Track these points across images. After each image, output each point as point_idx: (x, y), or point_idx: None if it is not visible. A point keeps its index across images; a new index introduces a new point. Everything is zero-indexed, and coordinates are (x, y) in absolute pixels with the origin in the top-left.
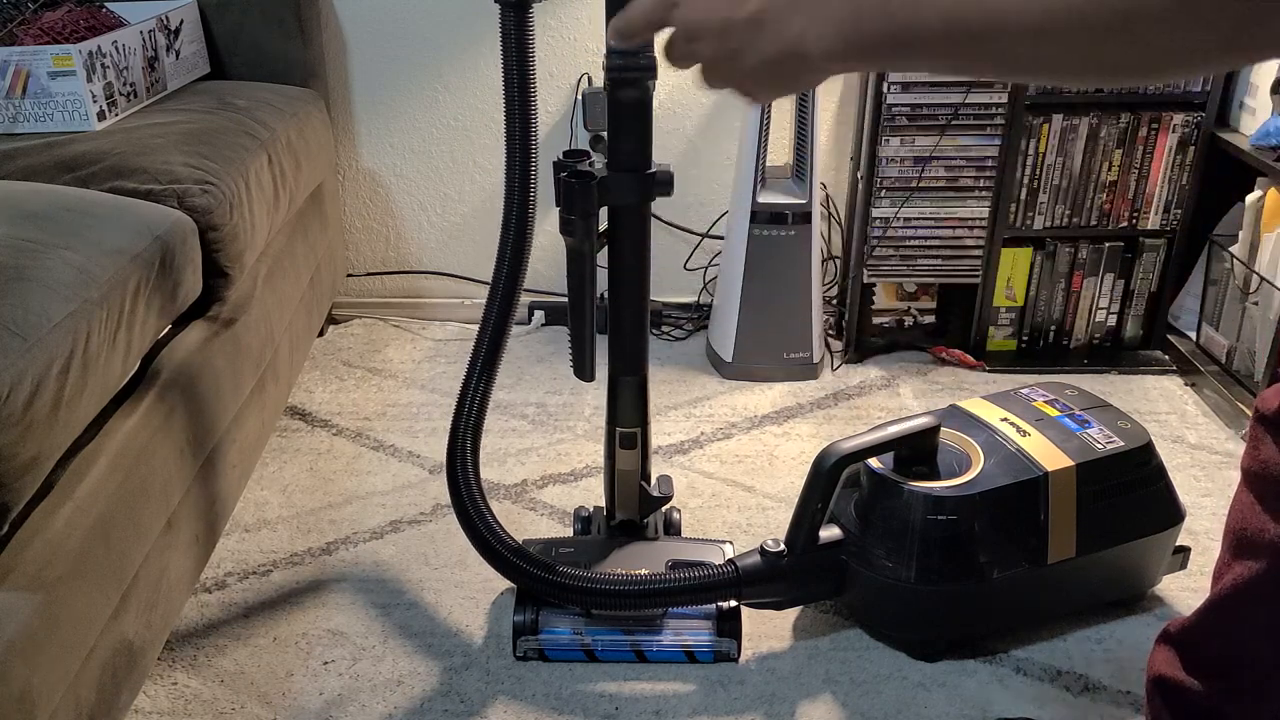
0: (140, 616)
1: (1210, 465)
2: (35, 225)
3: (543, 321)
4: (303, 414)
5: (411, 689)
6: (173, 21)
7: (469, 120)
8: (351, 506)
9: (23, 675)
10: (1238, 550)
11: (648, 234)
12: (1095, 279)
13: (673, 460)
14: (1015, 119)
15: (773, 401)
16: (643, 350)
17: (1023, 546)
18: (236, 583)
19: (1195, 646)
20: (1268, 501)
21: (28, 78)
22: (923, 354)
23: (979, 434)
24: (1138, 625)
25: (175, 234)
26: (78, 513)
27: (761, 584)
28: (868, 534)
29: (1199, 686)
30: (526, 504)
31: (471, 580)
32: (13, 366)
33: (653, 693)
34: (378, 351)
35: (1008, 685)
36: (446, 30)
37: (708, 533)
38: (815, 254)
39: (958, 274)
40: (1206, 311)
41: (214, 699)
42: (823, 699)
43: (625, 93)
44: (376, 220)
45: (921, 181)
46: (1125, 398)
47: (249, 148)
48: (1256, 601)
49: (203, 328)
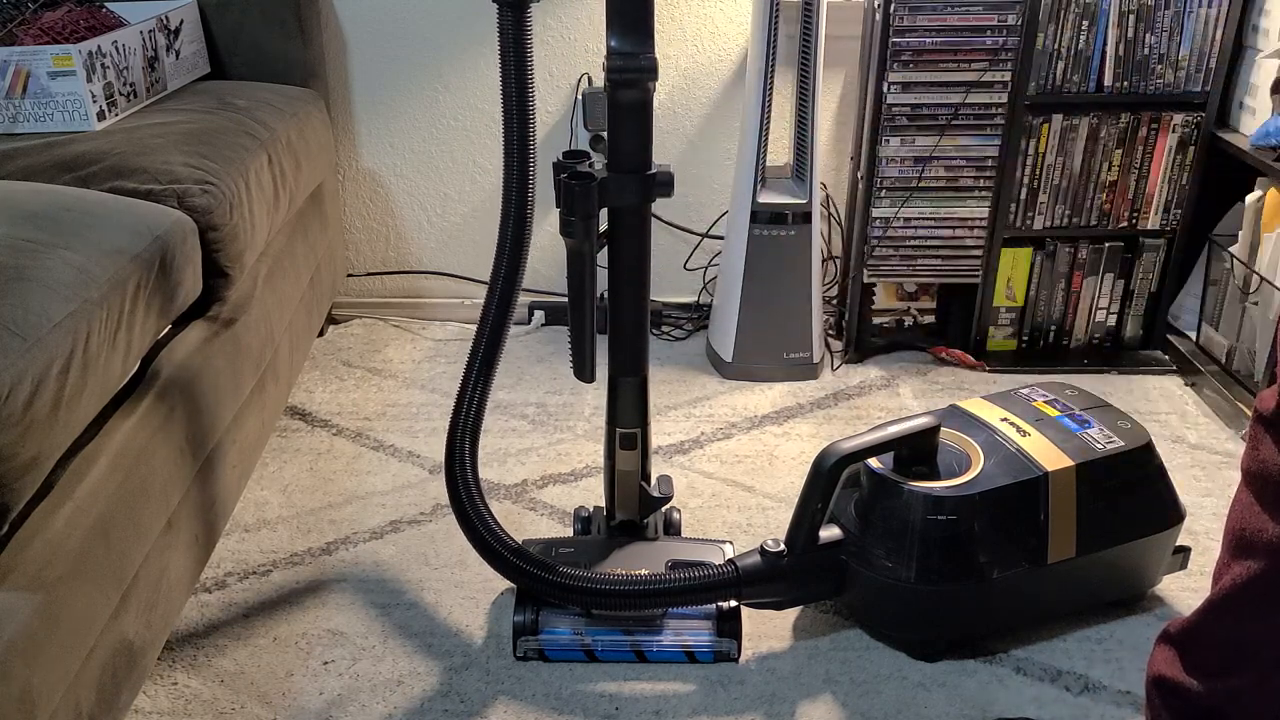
0: (140, 616)
1: (1210, 465)
2: (35, 225)
3: (543, 321)
4: (303, 414)
5: (411, 689)
6: (173, 21)
7: (469, 120)
8: (351, 506)
9: (23, 675)
10: (1237, 550)
11: (648, 235)
12: (1095, 279)
13: (673, 460)
14: (1015, 119)
15: (773, 401)
16: (643, 351)
17: (1023, 546)
18: (236, 583)
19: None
20: (1266, 501)
21: (28, 78)
22: (923, 354)
23: (979, 434)
24: (1138, 625)
25: (175, 234)
26: (78, 513)
27: (761, 584)
28: (868, 534)
29: (1199, 687)
30: (526, 504)
31: (471, 580)
32: (13, 366)
33: (653, 693)
34: (378, 351)
35: (1008, 685)
36: (446, 30)
37: (708, 533)
38: (815, 254)
39: (958, 274)
40: (1206, 311)
41: (214, 699)
42: (823, 699)
43: (625, 94)
44: (376, 220)
45: (921, 181)
46: (1125, 398)
47: (249, 148)
48: (1255, 601)
49: (203, 328)
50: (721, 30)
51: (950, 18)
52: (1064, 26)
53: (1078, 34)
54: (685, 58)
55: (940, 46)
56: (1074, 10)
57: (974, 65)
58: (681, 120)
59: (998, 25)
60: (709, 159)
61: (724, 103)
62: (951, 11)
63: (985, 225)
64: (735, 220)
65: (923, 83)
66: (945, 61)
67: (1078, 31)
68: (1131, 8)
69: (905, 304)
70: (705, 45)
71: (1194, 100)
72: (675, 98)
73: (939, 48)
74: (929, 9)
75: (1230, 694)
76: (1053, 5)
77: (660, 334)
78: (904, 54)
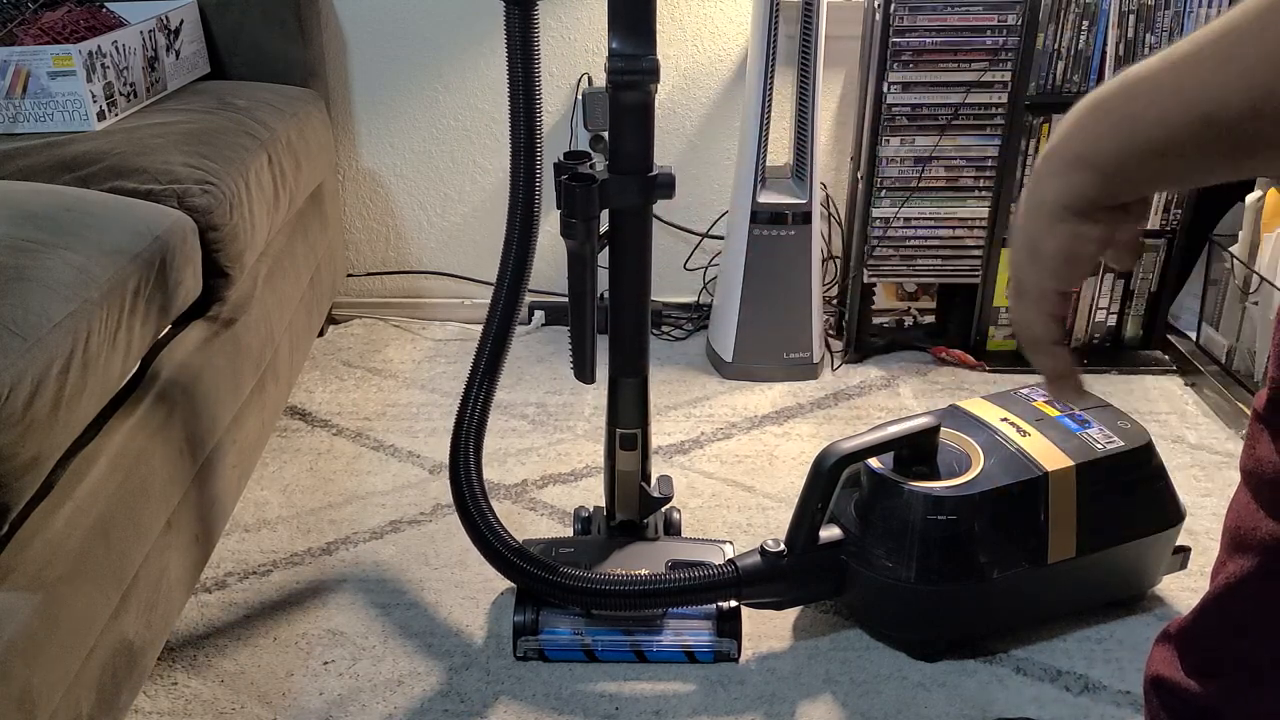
0: (140, 616)
1: (1210, 465)
2: (35, 225)
3: (543, 321)
4: (303, 414)
5: (411, 689)
6: (173, 21)
7: (469, 120)
8: (351, 506)
9: (23, 675)
10: (1232, 549)
11: (649, 236)
12: (1095, 279)
13: (673, 460)
14: (1015, 119)
15: (773, 401)
16: (643, 352)
17: (1023, 546)
18: (236, 583)
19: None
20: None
21: (28, 78)
22: (923, 354)
23: (979, 434)
24: (1138, 625)
25: (175, 234)
26: (78, 513)
27: (761, 584)
28: (868, 534)
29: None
30: (526, 504)
31: (471, 580)
32: (13, 366)
33: (653, 693)
34: (378, 351)
35: (1008, 685)
36: (446, 30)
37: (708, 533)
38: (815, 254)
39: (958, 274)
40: (1206, 311)
41: (214, 699)
42: (823, 699)
43: (627, 96)
44: (376, 220)
45: (921, 181)
46: (1125, 398)
47: (249, 148)
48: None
49: (203, 328)
50: (721, 30)
51: (950, 18)
52: (1064, 26)
53: (1078, 34)
54: (685, 58)
55: (940, 46)
56: (1074, 10)
57: (974, 65)
58: (681, 120)
59: (998, 25)
60: (709, 159)
61: (724, 103)
62: (951, 11)
63: (985, 225)
64: (735, 220)
65: (923, 83)
66: (945, 61)
67: (1078, 31)
68: (1131, 8)
69: (905, 304)
70: (705, 45)
71: None
72: (675, 98)
73: (939, 48)
74: (929, 9)
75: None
76: (1053, 5)
77: (660, 334)
78: (904, 54)
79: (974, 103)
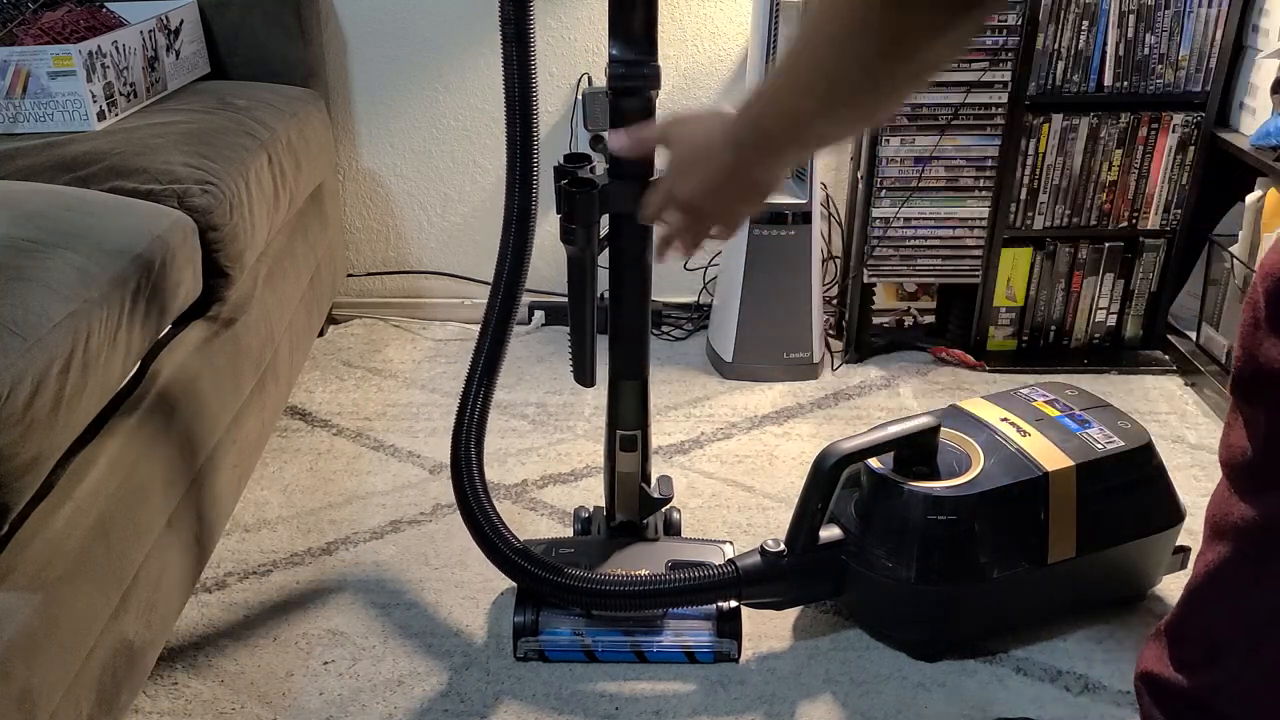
0: (140, 616)
1: (1210, 465)
2: (35, 225)
3: (543, 321)
4: (303, 414)
5: (411, 689)
6: (173, 21)
7: (469, 120)
8: (351, 506)
9: (23, 675)
10: (1210, 536)
11: (649, 240)
12: (1095, 279)
13: (673, 460)
14: (1015, 119)
15: (773, 401)
16: (644, 355)
17: (1023, 546)
18: (236, 583)
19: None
20: (1235, 483)
21: (28, 78)
22: (923, 354)
23: (979, 434)
24: (1138, 625)
25: (175, 234)
26: (78, 513)
27: (761, 584)
28: (868, 534)
29: (1184, 681)
30: (527, 504)
31: (471, 580)
32: (13, 366)
33: (653, 693)
34: (378, 351)
35: (1008, 685)
36: (446, 30)
37: (708, 533)
38: (815, 254)
39: (958, 274)
40: (1206, 311)
41: (214, 699)
42: (823, 699)
43: (628, 101)
44: (376, 220)
45: (921, 181)
46: (1125, 398)
47: (249, 148)
48: (1226, 585)
49: (203, 328)
50: (721, 30)
51: None
52: (1064, 26)
53: (1078, 34)
54: (685, 58)
55: None
56: (1074, 10)
57: (974, 65)
58: None
59: (998, 25)
60: None
61: (724, 103)
62: None
63: (985, 225)
64: None
65: None
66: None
67: (1078, 31)
68: (1131, 8)
69: (905, 304)
70: (705, 45)
71: (1194, 100)
72: (675, 98)
73: None
74: None
75: (1213, 687)
76: (1053, 5)
77: (660, 334)
78: None
79: (974, 102)
